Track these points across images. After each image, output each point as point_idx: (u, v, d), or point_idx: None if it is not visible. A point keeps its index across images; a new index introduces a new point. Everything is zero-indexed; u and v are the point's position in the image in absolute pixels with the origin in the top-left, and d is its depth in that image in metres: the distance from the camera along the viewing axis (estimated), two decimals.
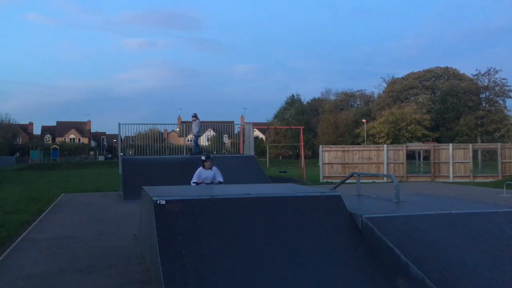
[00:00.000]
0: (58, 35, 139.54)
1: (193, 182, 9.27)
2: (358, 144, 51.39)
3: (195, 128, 17.71)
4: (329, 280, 4.70)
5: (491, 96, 60.75)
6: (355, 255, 5.11)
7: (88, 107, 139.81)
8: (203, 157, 9.56)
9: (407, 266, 4.68)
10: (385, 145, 24.63)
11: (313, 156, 56.61)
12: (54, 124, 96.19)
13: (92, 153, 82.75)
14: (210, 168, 9.41)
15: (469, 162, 22.28)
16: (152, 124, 22.07)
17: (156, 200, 5.19)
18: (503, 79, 59.53)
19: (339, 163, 22.98)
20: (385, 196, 8.21)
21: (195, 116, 17.83)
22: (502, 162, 22.31)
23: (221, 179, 9.32)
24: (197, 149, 17.99)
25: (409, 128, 55.01)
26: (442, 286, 4.34)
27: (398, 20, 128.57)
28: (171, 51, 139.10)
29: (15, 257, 6.63)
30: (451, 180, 21.91)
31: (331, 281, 4.68)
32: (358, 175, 8.98)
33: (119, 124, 18.37)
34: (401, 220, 5.57)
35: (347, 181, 9.33)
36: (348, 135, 62.06)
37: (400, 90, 64.10)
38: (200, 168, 9.45)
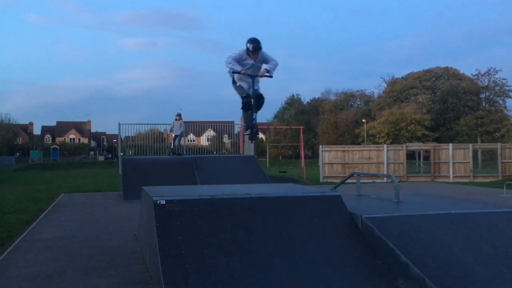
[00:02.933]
0: (58, 35, 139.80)
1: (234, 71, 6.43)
2: (358, 144, 51.37)
3: (177, 128, 17.63)
4: (329, 280, 4.70)
5: (491, 96, 60.74)
6: (355, 255, 5.11)
7: (88, 107, 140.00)
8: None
9: (407, 266, 4.68)
10: (385, 145, 24.63)
11: (313, 156, 56.60)
12: (54, 124, 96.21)
13: (92, 153, 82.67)
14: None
15: (469, 162, 22.27)
16: (152, 124, 22.07)
17: (156, 200, 5.19)
18: (503, 79, 59.56)
19: (339, 163, 22.97)
20: (385, 196, 8.21)
21: (179, 115, 17.87)
22: (502, 162, 22.30)
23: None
24: (181, 149, 17.97)
25: (409, 128, 55.02)
26: (442, 286, 4.34)
27: (398, 20, 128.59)
28: (171, 51, 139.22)
29: (15, 257, 6.63)
30: (451, 180, 21.91)
31: (331, 281, 4.68)
32: (358, 175, 8.99)
33: (119, 124, 18.37)
34: (401, 220, 5.57)
35: (347, 181, 9.33)
36: (348, 135, 62.07)
37: (400, 90, 64.10)
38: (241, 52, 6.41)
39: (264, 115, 73.90)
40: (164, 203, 5.19)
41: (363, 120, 60.24)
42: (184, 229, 4.98)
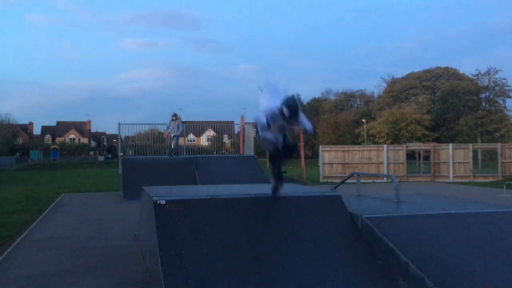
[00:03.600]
0: (58, 35, 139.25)
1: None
2: (358, 144, 51.34)
3: (174, 128, 17.53)
4: (329, 280, 4.70)
5: (491, 96, 60.69)
6: (355, 255, 5.11)
7: (88, 107, 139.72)
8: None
9: (407, 266, 4.68)
10: (385, 145, 24.64)
11: (313, 156, 56.54)
12: (54, 124, 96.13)
13: (92, 153, 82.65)
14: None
15: (469, 162, 22.27)
16: (152, 124, 22.03)
17: (156, 200, 5.20)
18: (503, 79, 59.45)
19: (339, 163, 22.97)
20: (385, 196, 8.21)
21: (175, 115, 17.82)
22: (502, 162, 22.29)
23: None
24: (180, 150, 17.93)
25: (409, 128, 55.01)
26: (442, 286, 4.34)
27: (398, 20, 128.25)
28: (171, 51, 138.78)
29: (15, 257, 6.63)
30: (451, 180, 21.90)
31: (331, 281, 4.68)
32: (358, 175, 8.99)
33: (119, 124, 18.33)
34: (401, 220, 5.57)
35: (347, 181, 9.33)
36: (348, 135, 62.04)
37: (400, 90, 64.09)
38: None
39: None
40: (164, 203, 5.19)
41: (363, 120, 60.23)
42: (184, 229, 4.98)
